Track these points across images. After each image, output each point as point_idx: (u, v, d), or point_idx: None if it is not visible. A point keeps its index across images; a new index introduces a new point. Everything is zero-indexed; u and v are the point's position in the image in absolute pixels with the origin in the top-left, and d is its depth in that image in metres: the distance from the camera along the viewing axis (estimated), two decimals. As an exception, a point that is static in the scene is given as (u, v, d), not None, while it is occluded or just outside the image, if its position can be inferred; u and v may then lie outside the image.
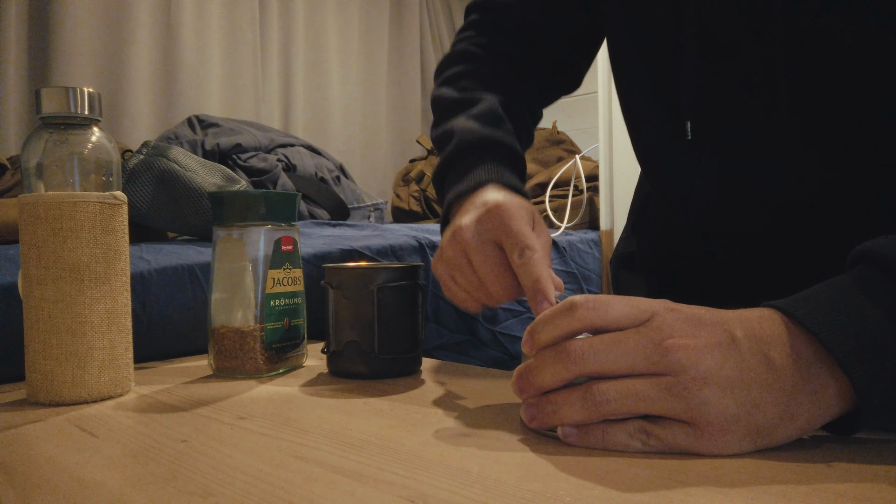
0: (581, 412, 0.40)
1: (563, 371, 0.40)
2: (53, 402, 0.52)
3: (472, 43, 0.77)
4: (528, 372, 0.42)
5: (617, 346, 0.39)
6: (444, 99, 0.73)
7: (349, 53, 2.66)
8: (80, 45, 1.87)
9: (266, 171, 1.61)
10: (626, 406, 0.39)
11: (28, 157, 0.53)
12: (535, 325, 0.43)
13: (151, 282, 0.74)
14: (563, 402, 0.41)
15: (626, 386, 0.39)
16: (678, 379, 0.37)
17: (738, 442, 0.37)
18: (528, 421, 0.43)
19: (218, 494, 0.34)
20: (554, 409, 0.41)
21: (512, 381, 0.43)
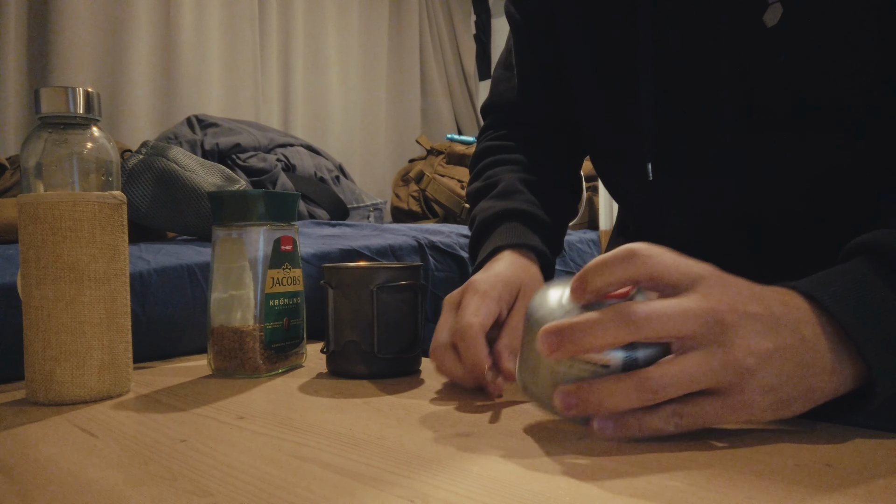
0: (635, 402, 0.38)
1: (623, 335, 0.38)
2: (53, 401, 0.52)
3: (491, 139, 0.83)
4: (575, 330, 0.38)
5: (681, 314, 0.38)
6: (471, 192, 0.78)
7: (349, 53, 2.66)
8: (79, 44, 1.87)
9: (265, 171, 1.61)
10: (681, 390, 0.38)
11: (27, 156, 0.53)
12: (588, 270, 0.40)
13: (151, 282, 0.74)
14: (611, 391, 0.38)
15: (681, 370, 0.38)
16: (727, 352, 0.37)
17: (762, 412, 0.39)
18: (564, 410, 0.39)
19: (217, 494, 0.34)
20: (598, 400, 0.39)
21: (543, 335, 0.39)
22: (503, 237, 0.66)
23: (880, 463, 0.37)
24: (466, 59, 3.09)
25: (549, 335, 0.39)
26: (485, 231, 0.70)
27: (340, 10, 2.64)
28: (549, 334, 0.39)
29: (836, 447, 0.40)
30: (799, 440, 0.41)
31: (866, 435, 0.42)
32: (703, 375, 0.38)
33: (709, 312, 0.38)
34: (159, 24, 2.06)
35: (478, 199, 0.75)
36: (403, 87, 2.88)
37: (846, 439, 0.41)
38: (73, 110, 0.53)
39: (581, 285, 0.40)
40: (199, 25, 2.16)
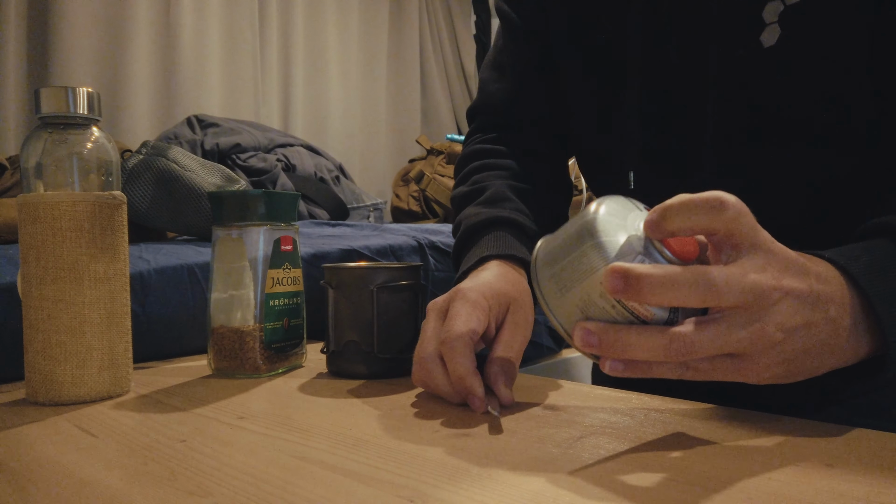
0: (660, 357, 0.38)
1: (694, 301, 0.37)
2: (53, 401, 0.52)
3: (478, 142, 0.81)
4: (647, 282, 0.36)
5: (746, 282, 0.37)
6: (456, 196, 0.77)
7: (349, 53, 2.66)
8: (79, 44, 1.87)
9: (265, 171, 1.61)
10: (708, 354, 0.38)
11: (27, 156, 0.53)
12: (671, 208, 0.37)
13: (151, 282, 0.74)
14: (640, 343, 0.37)
15: (715, 337, 0.37)
16: (762, 326, 0.37)
17: (766, 378, 0.40)
18: (581, 345, 0.39)
19: (217, 494, 0.34)
20: (623, 347, 0.38)
21: (611, 273, 0.37)
22: (491, 246, 0.64)
23: (880, 463, 0.37)
24: (466, 59, 3.08)
25: (618, 276, 0.36)
26: (470, 238, 0.68)
27: (340, 10, 2.64)
28: (618, 275, 0.36)
29: (836, 447, 0.40)
30: (798, 440, 0.41)
31: (866, 434, 0.42)
32: (733, 344, 0.38)
33: (762, 288, 0.37)
34: (159, 24, 2.06)
35: (464, 204, 0.74)
36: (403, 87, 2.88)
37: (846, 439, 0.41)
38: (74, 110, 0.53)
39: (658, 221, 0.38)
40: (200, 25, 2.16)
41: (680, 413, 0.47)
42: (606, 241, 0.38)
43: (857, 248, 0.43)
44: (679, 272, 0.36)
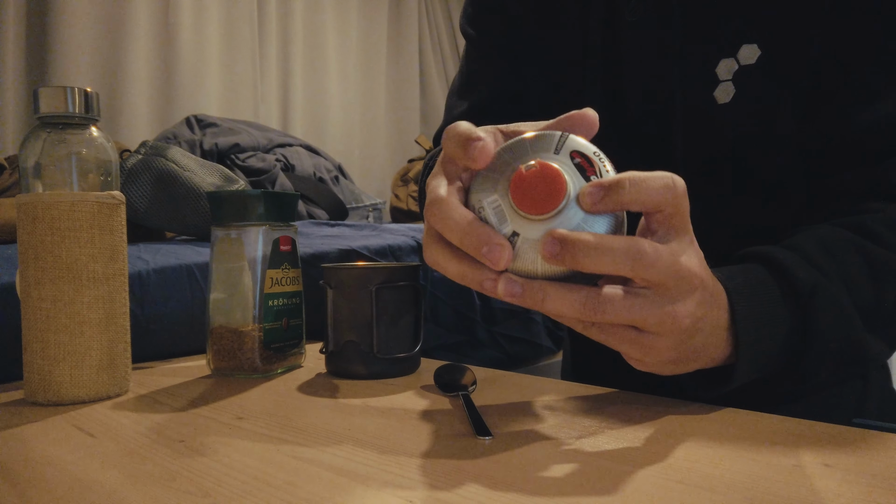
0: (576, 313, 0.38)
1: (623, 270, 0.37)
2: (51, 401, 0.52)
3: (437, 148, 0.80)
4: (582, 249, 0.37)
5: (672, 263, 0.38)
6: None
7: (348, 53, 2.66)
8: (78, 44, 1.87)
9: (264, 171, 1.61)
10: (619, 319, 0.39)
11: (26, 156, 0.53)
12: (622, 180, 0.37)
13: (150, 282, 0.73)
14: (559, 297, 0.38)
15: (631, 305, 0.39)
16: (676, 308, 0.40)
17: (661, 363, 0.43)
18: (505, 295, 0.39)
19: (216, 494, 0.34)
20: (542, 299, 0.38)
21: (548, 239, 0.37)
22: None
23: (879, 462, 0.37)
24: (466, 60, 3.08)
25: (553, 241, 0.37)
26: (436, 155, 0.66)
27: (340, 11, 2.64)
28: (554, 240, 0.37)
29: (835, 447, 0.40)
30: (798, 440, 0.41)
31: (865, 435, 0.42)
32: (645, 318, 0.39)
33: (689, 272, 0.39)
34: (158, 24, 2.06)
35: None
36: (402, 88, 2.88)
37: (846, 439, 0.41)
38: (72, 110, 0.53)
39: (605, 195, 0.37)
40: (199, 25, 2.16)
41: (679, 413, 0.47)
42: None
43: (736, 269, 0.48)
44: (614, 241, 0.37)
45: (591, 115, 0.42)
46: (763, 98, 0.59)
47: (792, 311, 0.47)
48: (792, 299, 0.47)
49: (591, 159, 0.39)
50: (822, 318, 0.47)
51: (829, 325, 0.48)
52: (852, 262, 0.50)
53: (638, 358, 0.43)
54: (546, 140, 0.40)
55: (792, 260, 0.49)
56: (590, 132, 0.42)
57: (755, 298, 0.46)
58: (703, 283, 0.41)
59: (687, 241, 0.40)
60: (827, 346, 0.48)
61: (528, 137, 0.41)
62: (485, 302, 1.10)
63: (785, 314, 0.47)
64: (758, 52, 0.58)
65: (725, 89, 0.59)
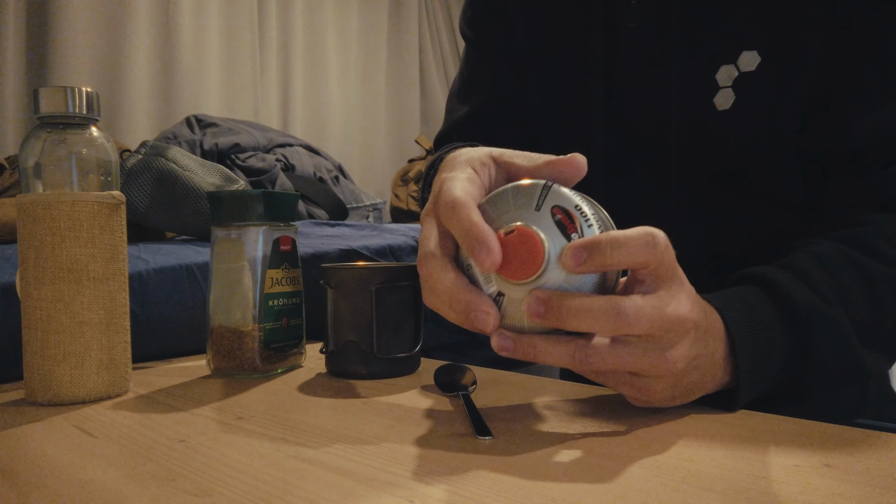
0: (566, 364, 0.40)
1: (607, 327, 0.38)
2: (51, 402, 0.52)
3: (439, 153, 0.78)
4: (566, 309, 0.38)
5: (658, 316, 0.39)
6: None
7: (348, 53, 2.66)
8: (78, 44, 1.87)
9: (264, 171, 1.61)
10: (611, 368, 0.41)
11: (26, 156, 0.53)
12: (601, 241, 0.38)
13: (150, 282, 0.73)
14: (550, 350, 0.40)
15: (619, 357, 0.40)
16: (669, 354, 0.41)
17: (663, 400, 0.45)
18: (498, 350, 0.40)
19: (216, 494, 0.34)
20: (534, 352, 0.40)
21: (532, 299, 0.38)
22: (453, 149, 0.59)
23: (879, 462, 0.37)
24: (466, 60, 3.08)
25: (539, 302, 0.38)
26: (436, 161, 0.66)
27: (340, 11, 2.64)
28: (539, 301, 0.38)
29: (835, 447, 0.40)
30: (798, 440, 0.41)
31: (865, 435, 0.42)
32: (637, 365, 0.41)
33: (678, 321, 0.40)
34: (159, 24, 2.06)
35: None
36: (403, 88, 2.88)
37: (845, 439, 0.41)
38: (73, 110, 0.53)
39: (588, 257, 0.38)
40: (199, 25, 2.16)
41: (679, 413, 0.47)
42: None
43: (733, 294, 0.49)
44: (596, 301, 0.38)
45: (577, 160, 0.42)
46: (763, 105, 0.59)
47: (789, 335, 0.48)
48: (789, 322, 0.48)
49: (571, 215, 0.40)
50: (819, 340, 0.48)
51: (826, 347, 0.48)
52: (851, 280, 0.50)
53: (636, 398, 0.45)
54: (528, 194, 0.41)
55: (789, 282, 0.49)
56: (576, 178, 0.42)
57: (753, 324, 0.47)
58: (696, 324, 0.42)
59: (675, 288, 0.41)
60: (825, 368, 0.48)
61: (511, 189, 0.42)
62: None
63: (782, 338, 0.48)
64: (758, 59, 0.58)
65: (725, 96, 0.60)
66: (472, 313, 0.40)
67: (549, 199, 0.40)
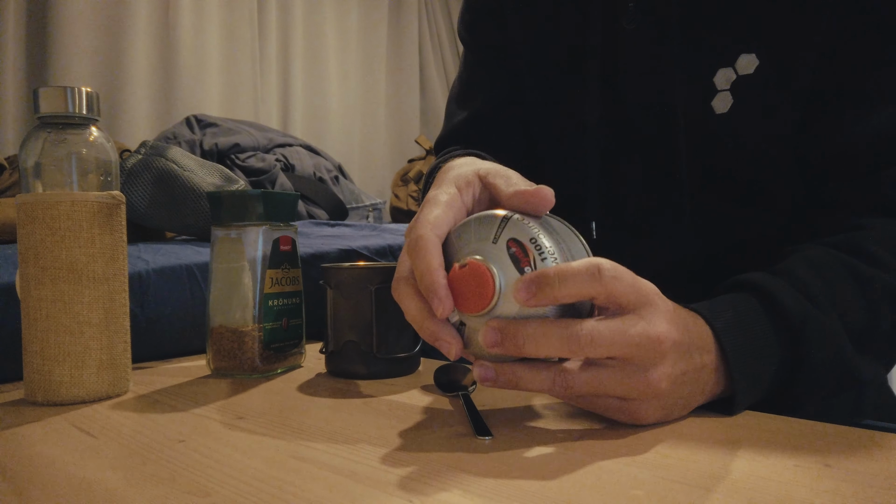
0: (547, 391, 0.41)
1: (564, 352, 0.39)
2: (51, 402, 0.52)
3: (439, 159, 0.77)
4: (521, 336, 0.39)
5: (623, 340, 0.39)
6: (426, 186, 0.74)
7: (348, 53, 2.66)
8: (78, 44, 1.87)
9: (264, 171, 1.61)
10: (590, 393, 0.42)
11: (26, 156, 0.53)
12: (549, 275, 0.39)
13: (150, 282, 0.73)
14: (530, 378, 0.41)
15: (597, 380, 0.41)
16: (649, 375, 0.41)
17: (656, 418, 0.44)
18: (480, 381, 0.42)
19: (216, 494, 0.34)
20: (515, 381, 0.41)
21: (488, 329, 0.40)
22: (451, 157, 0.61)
23: (879, 462, 0.37)
24: (466, 60, 3.08)
25: (494, 331, 0.40)
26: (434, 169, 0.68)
27: (339, 11, 2.64)
28: (494, 330, 0.40)
29: (835, 447, 0.40)
30: (798, 440, 0.41)
31: (865, 435, 0.42)
32: (619, 388, 0.41)
33: (649, 341, 0.40)
34: (158, 24, 2.06)
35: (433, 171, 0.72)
36: (402, 88, 2.88)
37: (845, 439, 0.41)
38: (72, 110, 0.53)
39: (537, 290, 0.39)
40: (199, 25, 2.16)
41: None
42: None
43: (724, 303, 0.48)
44: (550, 326, 0.39)
45: (542, 193, 0.43)
46: (761, 109, 0.59)
47: (783, 342, 0.47)
48: (783, 330, 0.47)
49: (526, 248, 0.41)
50: (813, 348, 0.47)
51: (820, 356, 0.48)
52: (845, 286, 0.50)
53: (628, 421, 0.44)
54: (488, 225, 0.42)
55: (782, 289, 0.48)
56: (543, 209, 0.43)
57: (746, 333, 0.46)
58: (675, 342, 0.42)
59: (644, 311, 0.41)
60: (819, 375, 0.48)
61: (474, 220, 0.43)
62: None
63: (776, 345, 0.47)
64: (756, 62, 0.58)
65: (723, 99, 0.59)
66: (436, 341, 0.43)
67: (506, 231, 0.41)
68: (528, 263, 0.40)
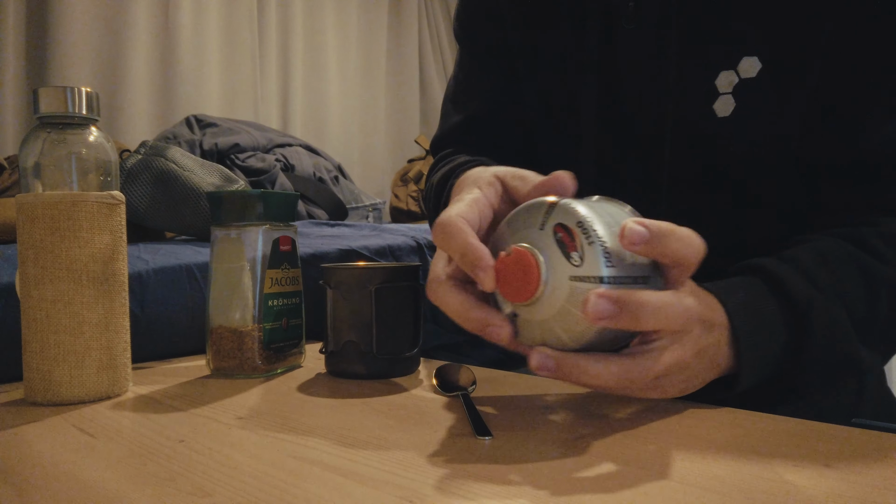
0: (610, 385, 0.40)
1: (632, 325, 0.38)
2: (51, 402, 0.52)
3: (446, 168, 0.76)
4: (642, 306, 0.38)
5: (683, 311, 0.40)
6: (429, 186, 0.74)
7: (347, 53, 2.66)
8: (78, 44, 1.87)
9: (264, 171, 1.61)
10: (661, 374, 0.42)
11: (26, 156, 0.53)
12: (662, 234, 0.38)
13: (149, 282, 0.73)
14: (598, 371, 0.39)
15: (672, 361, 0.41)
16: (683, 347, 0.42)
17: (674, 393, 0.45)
18: (536, 370, 0.39)
19: (215, 494, 0.34)
20: (578, 373, 0.39)
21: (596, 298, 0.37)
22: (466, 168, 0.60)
23: (878, 462, 0.37)
24: (465, 60, 3.08)
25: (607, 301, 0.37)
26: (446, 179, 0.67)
27: (339, 11, 2.64)
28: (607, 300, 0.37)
29: (834, 447, 0.40)
30: (798, 440, 0.41)
31: (864, 435, 0.42)
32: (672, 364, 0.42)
33: (694, 315, 0.42)
34: (158, 24, 2.06)
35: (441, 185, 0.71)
36: (402, 88, 2.88)
37: (844, 439, 0.41)
38: (72, 110, 0.53)
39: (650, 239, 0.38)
40: (199, 26, 2.16)
41: (679, 413, 0.47)
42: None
43: (736, 284, 0.49)
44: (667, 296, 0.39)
45: (559, 178, 0.43)
46: (764, 112, 0.58)
47: (788, 325, 0.48)
48: (789, 313, 0.49)
49: (573, 232, 0.40)
50: (817, 332, 0.48)
51: (823, 339, 0.49)
52: (849, 275, 0.51)
53: (655, 396, 0.45)
54: (536, 212, 0.41)
55: (789, 274, 0.49)
56: (566, 194, 0.43)
57: (756, 315, 0.47)
58: (700, 317, 0.43)
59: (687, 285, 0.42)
60: (821, 359, 0.49)
61: (523, 209, 0.43)
62: (484, 302, 1.10)
63: (782, 328, 0.48)
64: (759, 65, 0.57)
65: (725, 102, 0.59)
66: (485, 329, 0.41)
67: (552, 217, 0.40)
68: (574, 248, 0.39)
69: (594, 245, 0.39)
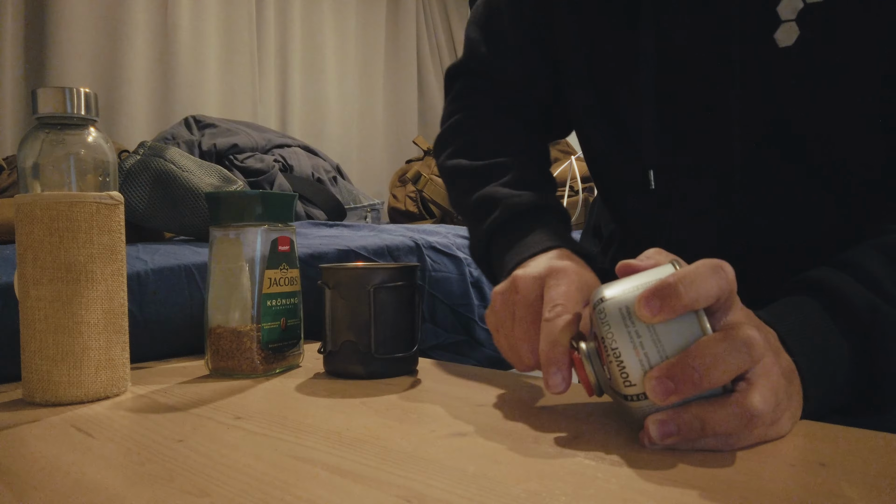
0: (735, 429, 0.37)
1: (744, 363, 0.36)
2: (50, 402, 0.52)
3: (468, 115, 0.75)
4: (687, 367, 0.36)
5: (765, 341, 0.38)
6: (463, 168, 0.69)
7: (346, 54, 2.66)
8: (76, 45, 1.87)
9: (263, 172, 1.61)
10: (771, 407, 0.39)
11: (24, 157, 0.53)
12: (675, 282, 0.36)
13: (148, 282, 0.74)
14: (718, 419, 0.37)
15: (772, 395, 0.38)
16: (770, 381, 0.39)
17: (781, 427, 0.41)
18: (660, 440, 0.38)
19: (214, 494, 0.34)
20: (700, 426, 0.37)
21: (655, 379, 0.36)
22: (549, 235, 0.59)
23: (874, 462, 0.37)
24: (464, 60, 3.08)
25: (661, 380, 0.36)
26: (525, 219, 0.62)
27: (337, 11, 2.64)
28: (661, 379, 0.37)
29: (830, 447, 0.40)
30: (793, 441, 0.41)
31: (860, 434, 0.42)
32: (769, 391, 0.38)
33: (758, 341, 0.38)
34: (157, 24, 2.06)
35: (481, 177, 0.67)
36: (400, 88, 2.88)
37: (841, 439, 0.41)
38: (71, 111, 0.53)
39: (661, 304, 0.36)
40: (197, 26, 2.16)
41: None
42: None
43: (789, 306, 0.46)
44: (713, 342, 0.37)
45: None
46: (835, 45, 0.50)
47: (851, 343, 0.44)
48: (848, 331, 0.44)
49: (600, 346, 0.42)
50: (886, 345, 0.44)
51: (894, 351, 0.44)
52: None
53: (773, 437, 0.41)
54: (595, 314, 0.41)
55: (848, 286, 0.45)
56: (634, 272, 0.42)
57: (813, 336, 0.43)
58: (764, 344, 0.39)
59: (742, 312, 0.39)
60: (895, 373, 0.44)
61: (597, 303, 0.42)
62: (483, 302, 1.10)
63: (842, 347, 0.44)
64: None
65: (788, 31, 0.51)
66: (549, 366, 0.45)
67: (595, 319, 0.41)
68: (604, 362, 0.41)
69: (611, 364, 0.40)
